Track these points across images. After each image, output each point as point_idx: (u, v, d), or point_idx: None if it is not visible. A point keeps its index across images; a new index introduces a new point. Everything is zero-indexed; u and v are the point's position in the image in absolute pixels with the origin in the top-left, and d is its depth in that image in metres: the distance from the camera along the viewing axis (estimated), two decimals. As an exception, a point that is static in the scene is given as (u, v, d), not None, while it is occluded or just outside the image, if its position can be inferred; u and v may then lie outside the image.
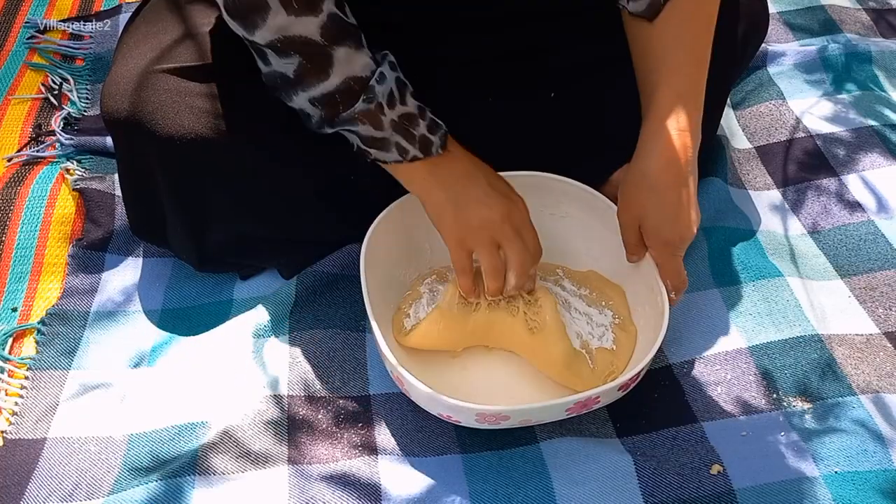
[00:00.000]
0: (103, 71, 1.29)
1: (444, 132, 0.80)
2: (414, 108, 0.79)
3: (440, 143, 0.80)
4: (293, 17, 0.73)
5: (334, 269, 0.96)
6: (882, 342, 0.88)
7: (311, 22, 0.73)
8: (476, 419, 0.76)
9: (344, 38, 0.75)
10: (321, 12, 0.74)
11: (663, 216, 0.80)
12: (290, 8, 0.73)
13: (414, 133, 0.79)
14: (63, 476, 0.80)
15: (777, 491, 0.75)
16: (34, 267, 1.01)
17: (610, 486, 0.76)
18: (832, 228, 1.02)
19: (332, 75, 0.75)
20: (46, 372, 0.90)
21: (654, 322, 0.82)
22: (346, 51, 0.75)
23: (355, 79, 0.76)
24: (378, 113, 0.77)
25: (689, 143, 0.80)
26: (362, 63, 0.76)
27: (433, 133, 0.79)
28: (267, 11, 0.73)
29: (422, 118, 0.79)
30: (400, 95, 0.78)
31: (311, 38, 0.74)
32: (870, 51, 1.23)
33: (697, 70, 0.82)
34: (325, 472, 0.79)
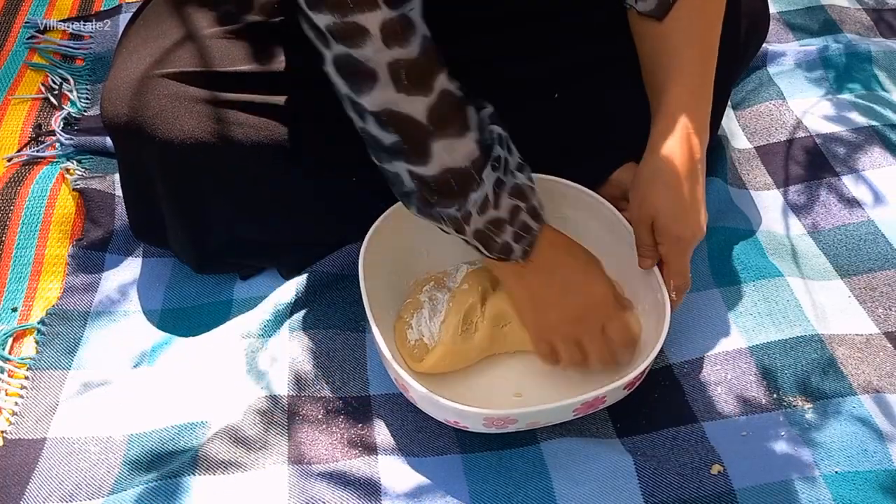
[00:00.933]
0: (103, 71, 1.29)
1: (532, 238, 0.77)
2: (506, 212, 0.75)
3: (521, 253, 0.77)
4: (402, 95, 0.69)
5: (334, 269, 0.95)
6: (882, 342, 0.88)
7: (421, 102, 0.70)
8: (484, 424, 0.76)
9: (450, 121, 0.71)
10: (432, 92, 0.70)
11: (677, 212, 0.80)
12: (399, 84, 0.69)
13: (496, 241, 0.76)
14: (63, 476, 0.80)
15: (777, 491, 0.75)
16: (34, 267, 1.01)
17: (610, 487, 0.76)
18: (832, 228, 1.02)
19: (431, 163, 0.72)
20: (46, 372, 0.90)
21: (655, 321, 0.82)
22: (448, 141, 0.71)
23: (454, 171, 0.72)
24: (464, 222, 0.75)
25: (700, 140, 0.81)
26: (464, 153, 0.72)
27: (518, 241, 0.77)
28: (375, 82, 0.69)
29: (511, 224, 0.76)
30: (495, 198, 0.74)
31: (416, 119, 0.70)
32: (870, 51, 1.23)
33: (706, 67, 0.82)
34: (325, 471, 0.79)
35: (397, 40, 0.68)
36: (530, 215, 0.77)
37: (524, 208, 0.76)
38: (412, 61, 0.68)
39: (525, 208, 0.76)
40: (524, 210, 0.76)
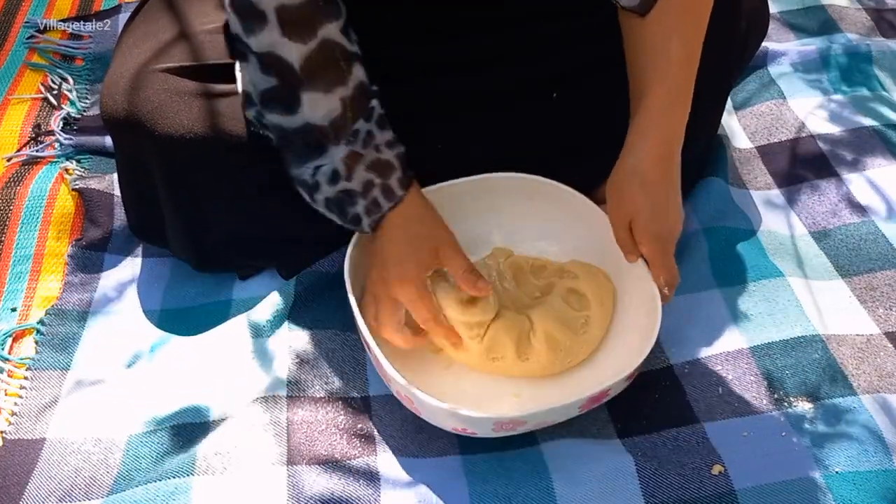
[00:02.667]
0: (103, 71, 1.29)
1: (381, 215, 0.79)
2: (359, 184, 0.78)
3: (369, 226, 0.80)
4: (284, 40, 0.72)
5: (334, 269, 0.95)
6: (882, 342, 0.88)
7: (298, 49, 0.72)
8: (493, 429, 0.76)
9: (323, 73, 0.74)
10: (313, 39, 0.73)
11: (654, 212, 0.80)
12: (283, 27, 0.71)
13: (347, 210, 0.79)
14: (62, 476, 0.80)
15: (778, 491, 0.75)
16: (33, 267, 1.00)
17: (611, 487, 0.76)
18: (833, 228, 1.01)
19: (297, 115, 0.75)
20: (46, 372, 0.90)
21: (646, 313, 0.83)
22: (314, 94, 0.74)
23: (313, 127, 0.75)
24: (313, 190, 0.77)
25: (677, 141, 0.81)
26: (327, 109, 0.75)
27: (368, 215, 0.79)
28: (264, 23, 0.72)
29: (363, 197, 0.78)
30: (347, 169, 0.76)
31: (291, 65, 0.73)
32: (870, 51, 1.23)
33: (687, 69, 0.82)
34: (324, 472, 0.79)
35: None
36: (383, 192, 0.78)
37: (378, 184, 0.78)
38: (295, 6, 0.71)
39: (379, 184, 0.78)
40: (378, 186, 0.78)
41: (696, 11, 0.82)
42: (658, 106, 0.80)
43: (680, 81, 0.81)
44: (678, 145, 0.81)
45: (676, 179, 0.82)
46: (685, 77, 0.81)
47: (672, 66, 0.81)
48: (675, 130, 0.81)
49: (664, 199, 0.80)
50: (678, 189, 0.82)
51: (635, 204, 0.80)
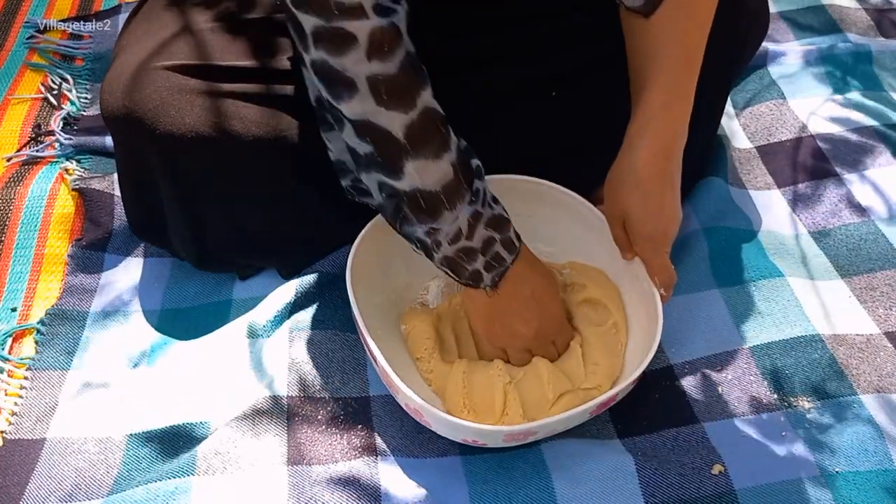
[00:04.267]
0: (103, 71, 1.29)
1: (504, 269, 0.78)
2: (479, 242, 0.76)
3: (491, 282, 0.78)
4: (382, 109, 0.69)
5: (334, 269, 0.95)
6: (882, 342, 0.88)
7: (399, 118, 0.69)
8: (504, 440, 0.76)
9: (428, 141, 0.71)
10: (413, 109, 0.70)
11: (646, 212, 0.80)
12: (379, 97, 0.68)
13: (467, 269, 0.77)
14: (62, 476, 0.80)
15: (778, 491, 0.75)
16: (34, 267, 1.00)
17: (611, 487, 0.76)
18: (833, 228, 1.01)
19: (402, 181, 0.72)
20: (46, 372, 0.90)
21: (645, 312, 0.83)
22: (422, 162, 0.71)
23: (424, 193, 0.72)
24: (433, 248, 0.76)
25: (677, 141, 0.81)
26: (437, 176, 0.72)
27: (489, 271, 0.77)
28: (354, 92, 0.68)
29: (483, 254, 0.76)
30: (469, 229, 0.74)
31: (392, 135, 0.70)
32: (870, 50, 1.23)
33: (689, 69, 0.82)
34: (324, 472, 0.79)
35: (380, 53, 0.67)
36: (504, 246, 0.77)
37: (499, 240, 0.77)
38: (391, 77, 0.68)
39: (500, 240, 0.77)
40: (498, 241, 0.77)
41: (699, 13, 0.82)
42: (656, 105, 0.80)
43: (680, 81, 0.81)
44: (678, 145, 0.81)
45: (675, 179, 0.81)
46: (686, 77, 0.81)
47: (672, 66, 0.81)
48: (675, 130, 0.80)
49: (658, 199, 0.80)
50: (676, 189, 0.81)
51: (628, 202, 0.81)
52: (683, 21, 0.81)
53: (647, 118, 0.80)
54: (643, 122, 0.80)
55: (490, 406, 0.81)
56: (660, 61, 0.81)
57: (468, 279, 0.78)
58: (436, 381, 0.85)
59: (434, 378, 0.85)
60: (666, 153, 0.80)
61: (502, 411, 0.81)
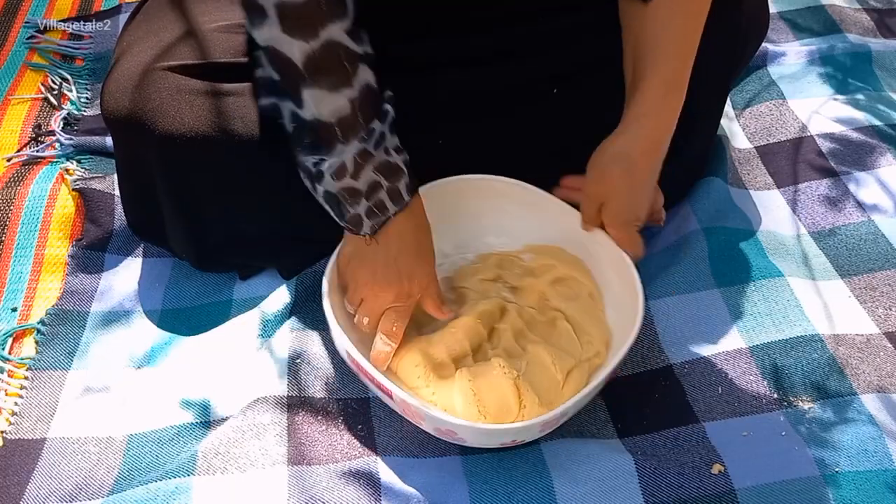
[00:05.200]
0: (103, 71, 1.29)
1: (385, 218, 0.78)
2: (364, 184, 0.76)
3: (370, 229, 0.79)
4: (285, 36, 0.71)
5: (334, 269, 0.95)
6: (882, 342, 0.88)
7: (299, 46, 0.71)
8: (540, 430, 0.76)
9: (327, 73, 0.73)
10: (315, 39, 0.71)
11: (630, 199, 0.82)
12: (284, 24, 0.71)
13: (348, 210, 0.77)
14: (63, 476, 0.80)
15: (778, 491, 0.75)
16: (34, 267, 1.01)
17: (610, 486, 0.76)
18: (832, 228, 1.01)
19: (304, 109, 0.74)
20: (46, 372, 0.90)
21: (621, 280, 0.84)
22: (318, 92, 0.73)
23: (320, 123, 0.74)
24: (315, 180, 0.77)
25: (668, 131, 0.82)
26: (333, 108, 0.74)
27: (370, 217, 0.78)
28: (265, 17, 0.71)
29: (366, 198, 0.77)
30: (355, 167, 0.75)
31: (293, 62, 0.72)
32: (870, 50, 1.23)
33: (684, 61, 0.82)
34: (324, 472, 0.79)
35: None
36: (389, 195, 0.77)
37: (385, 187, 0.77)
38: (297, 5, 0.70)
39: (386, 187, 0.77)
40: (384, 189, 0.77)
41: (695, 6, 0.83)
42: (653, 95, 0.81)
43: (675, 72, 0.82)
44: (668, 136, 0.83)
45: (657, 169, 0.84)
46: (681, 68, 0.82)
47: (668, 57, 0.82)
48: (668, 120, 0.82)
49: (641, 188, 0.83)
50: (656, 177, 0.84)
51: (614, 187, 0.82)
52: (679, 11, 0.82)
53: (643, 106, 0.81)
54: (640, 109, 0.82)
55: (506, 405, 0.79)
56: (658, 52, 0.82)
57: (348, 222, 0.78)
58: (441, 400, 0.81)
59: (439, 399, 0.81)
60: (656, 144, 0.82)
61: (519, 406, 0.80)
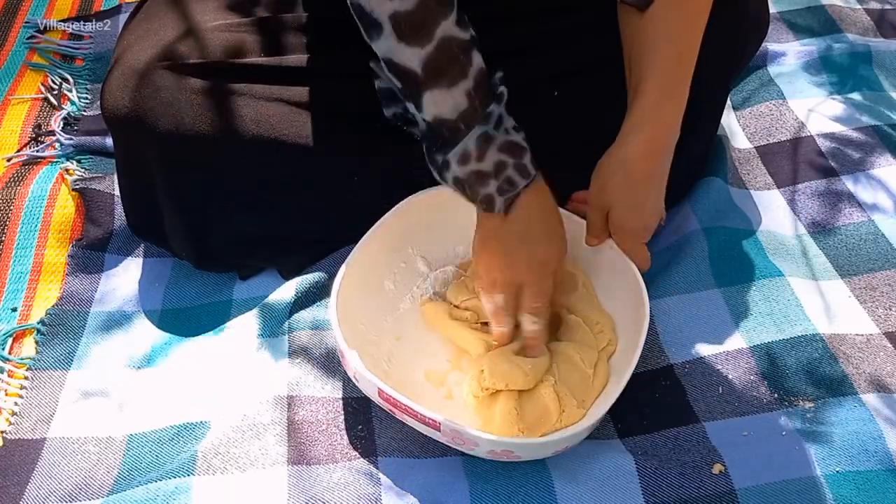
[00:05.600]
0: (103, 71, 1.29)
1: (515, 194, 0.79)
2: (490, 165, 0.77)
3: (503, 205, 0.79)
4: (402, 45, 0.72)
5: (334, 269, 0.95)
6: (882, 342, 0.88)
7: (416, 53, 0.73)
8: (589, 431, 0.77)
9: (445, 72, 0.74)
10: (430, 42, 0.73)
11: (632, 207, 0.82)
12: (400, 34, 0.72)
13: (478, 191, 0.79)
14: (63, 476, 0.80)
15: (778, 490, 0.75)
16: (34, 267, 1.00)
17: (611, 486, 0.76)
18: (832, 228, 1.01)
19: (425, 111, 0.76)
20: (46, 372, 0.90)
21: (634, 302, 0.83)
22: (436, 92, 0.74)
23: (443, 121, 0.76)
24: (443, 168, 0.78)
25: (669, 139, 0.82)
26: (452, 104, 0.75)
27: (501, 194, 0.79)
28: (381, 32, 0.72)
29: (495, 177, 0.78)
30: (479, 152, 0.77)
31: (412, 70, 0.74)
32: (870, 51, 1.23)
33: (684, 66, 0.82)
34: (325, 472, 0.79)
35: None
36: (517, 171, 0.78)
37: (511, 164, 0.78)
38: (409, 12, 0.71)
39: (512, 164, 0.78)
40: (511, 166, 0.78)
41: (693, 10, 0.82)
42: (651, 101, 0.81)
43: (674, 78, 0.82)
44: (670, 141, 0.82)
45: (663, 177, 0.83)
46: (680, 74, 0.82)
47: (667, 63, 0.82)
48: (668, 126, 0.82)
49: (644, 195, 0.82)
50: (663, 185, 0.83)
51: (616, 195, 0.82)
52: (678, 16, 0.82)
53: (641, 115, 0.81)
54: (637, 118, 0.81)
55: (546, 415, 0.80)
56: (654, 59, 0.82)
57: (482, 201, 0.80)
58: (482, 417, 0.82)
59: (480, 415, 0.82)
60: (657, 151, 0.81)
61: (559, 412, 0.80)
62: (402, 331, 0.90)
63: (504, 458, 0.76)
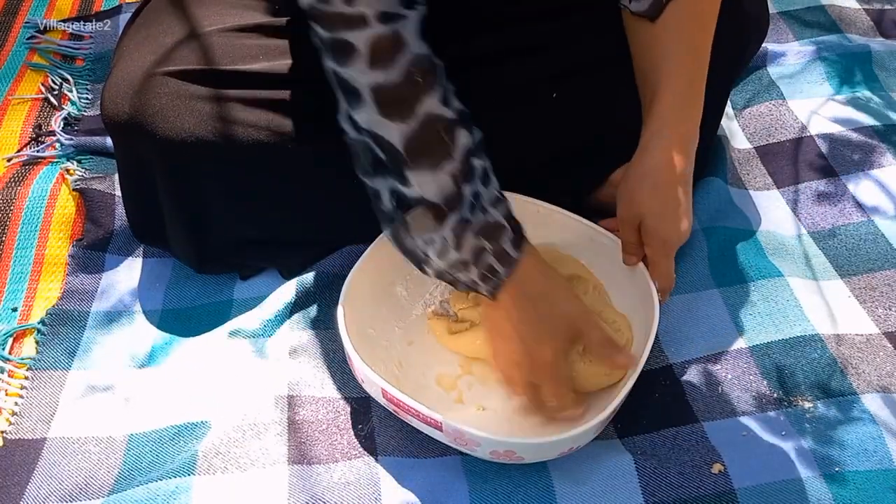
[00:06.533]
0: (103, 71, 1.29)
1: (499, 281, 0.74)
2: (469, 253, 0.72)
3: (488, 292, 0.75)
4: (383, 119, 0.68)
5: (334, 269, 0.95)
6: (882, 342, 0.88)
7: (398, 129, 0.68)
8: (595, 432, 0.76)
9: (428, 152, 0.69)
10: (413, 119, 0.68)
11: (664, 215, 0.80)
12: (380, 107, 0.67)
13: (462, 280, 0.74)
14: (63, 476, 0.80)
15: (778, 490, 0.75)
16: (34, 267, 1.01)
17: (610, 486, 0.76)
18: (832, 228, 1.02)
19: (411, 188, 0.70)
20: (46, 372, 0.90)
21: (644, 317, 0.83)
22: (422, 173, 0.69)
23: (429, 204, 0.70)
24: (422, 263, 0.74)
25: (690, 143, 0.81)
26: (438, 187, 0.70)
27: (484, 282, 0.74)
28: (361, 102, 0.68)
29: (475, 265, 0.73)
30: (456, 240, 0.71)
31: (393, 146, 0.69)
32: (870, 51, 1.23)
33: (698, 70, 0.82)
34: (324, 472, 0.79)
35: (381, 61, 0.67)
36: (496, 257, 0.73)
37: (490, 250, 0.73)
38: (392, 86, 0.67)
39: (492, 250, 0.73)
40: (490, 252, 0.73)
41: (703, 14, 0.83)
42: (670, 108, 0.81)
43: (691, 83, 0.82)
44: (692, 146, 0.82)
45: (689, 180, 0.82)
46: (696, 79, 0.82)
47: (683, 69, 0.81)
48: (689, 132, 0.81)
49: (675, 201, 0.80)
50: (689, 190, 0.81)
51: (646, 205, 0.80)
52: (689, 23, 0.82)
53: (662, 121, 0.80)
54: (658, 125, 0.81)
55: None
56: (670, 64, 0.81)
57: (468, 288, 0.76)
58: None
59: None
60: (682, 155, 0.80)
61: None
62: (413, 336, 0.90)
63: (506, 459, 0.76)
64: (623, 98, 0.89)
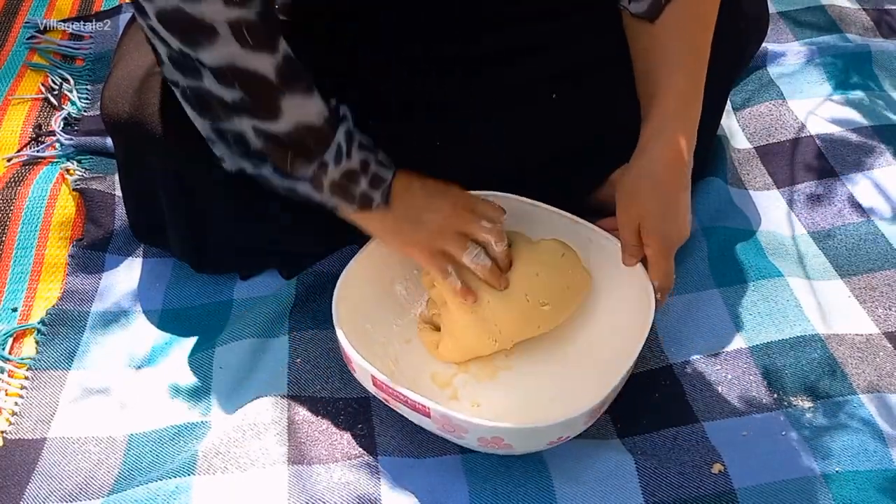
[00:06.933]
0: (103, 71, 1.29)
1: (388, 185, 0.80)
2: (357, 163, 0.78)
3: (382, 198, 0.80)
4: (247, 51, 0.70)
5: (334, 268, 0.95)
6: (882, 342, 0.88)
7: (268, 59, 0.71)
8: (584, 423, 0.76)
9: (298, 79, 0.74)
10: (277, 52, 0.72)
11: (664, 214, 0.80)
12: (243, 41, 0.70)
13: (354, 193, 0.79)
14: (63, 476, 0.80)
15: (778, 490, 0.75)
16: (34, 267, 1.01)
17: (610, 486, 0.76)
18: (832, 228, 1.02)
19: (282, 119, 0.74)
20: (46, 372, 0.90)
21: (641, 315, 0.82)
22: (298, 98, 0.74)
23: (308, 127, 0.75)
24: (322, 174, 0.77)
25: (689, 143, 0.81)
26: (316, 110, 0.75)
27: (375, 187, 0.80)
28: (215, 37, 0.69)
29: (364, 174, 0.79)
30: (347, 149, 0.77)
31: (263, 75, 0.72)
32: (870, 51, 1.23)
33: (698, 70, 0.82)
34: (324, 472, 0.79)
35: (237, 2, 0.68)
36: (379, 164, 0.80)
37: (372, 160, 0.79)
38: (252, 22, 0.69)
39: (373, 159, 0.79)
40: (373, 161, 0.79)
41: (703, 15, 0.83)
42: (670, 109, 0.81)
43: (691, 84, 0.82)
44: (691, 147, 0.82)
45: (688, 181, 0.82)
46: (696, 80, 0.82)
47: (683, 69, 0.81)
48: (688, 133, 0.81)
49: (675, 201, 0.81)
50: (689, 193, 0.82)
51: (646, 204, 0.80)
52: (689, 24, 0.82)
53: (661, 122, 0.81)
54: (658, 126, 0.81)
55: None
56: (669, 65, 0.81)
57: (360, 203, 0.79)
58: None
59: None
60: (681, 156, 0.80)
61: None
62: (411, 334, 0.90)
63: (495, 447, 0.75)
64: (623, 98, 0.89)
